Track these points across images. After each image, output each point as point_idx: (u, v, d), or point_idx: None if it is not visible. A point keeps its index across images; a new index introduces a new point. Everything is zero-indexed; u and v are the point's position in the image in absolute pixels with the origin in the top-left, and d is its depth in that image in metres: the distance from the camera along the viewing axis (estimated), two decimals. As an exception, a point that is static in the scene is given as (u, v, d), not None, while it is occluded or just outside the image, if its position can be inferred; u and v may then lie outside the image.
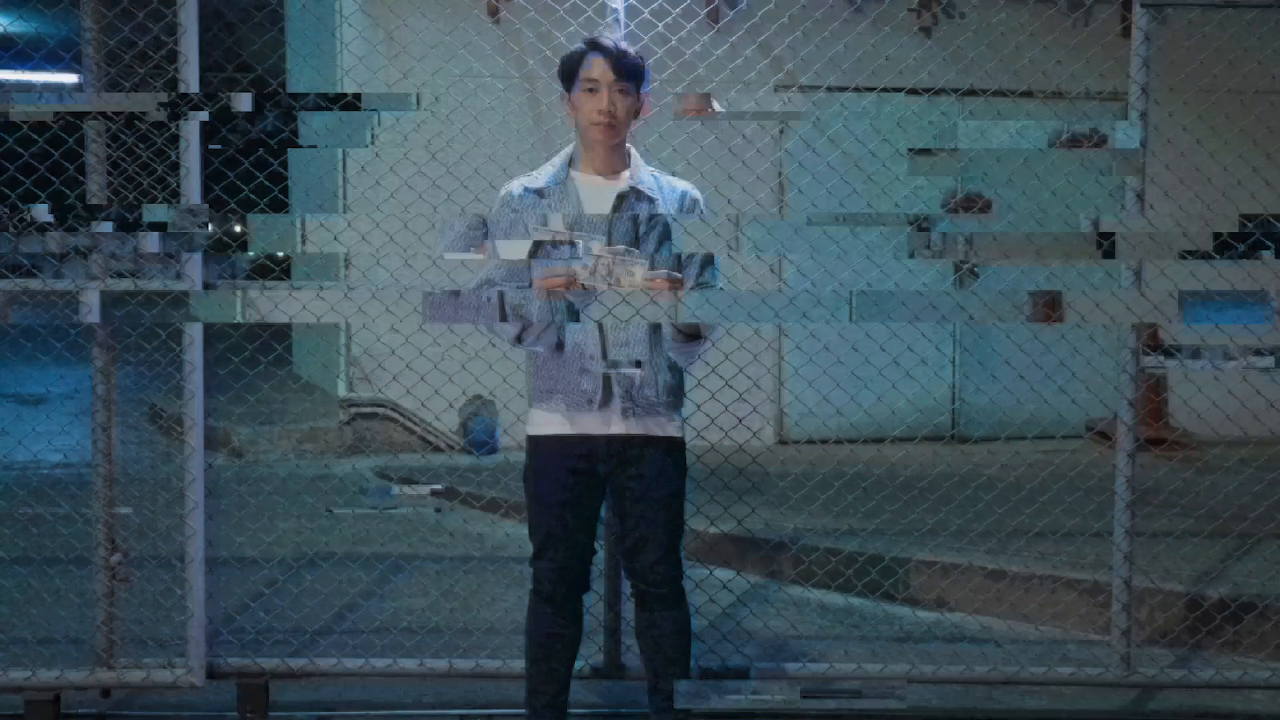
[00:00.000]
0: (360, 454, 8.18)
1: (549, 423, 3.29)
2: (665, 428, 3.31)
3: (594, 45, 3.26)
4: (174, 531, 3.95)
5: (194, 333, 3.83)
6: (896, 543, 5.31)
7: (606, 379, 3.24)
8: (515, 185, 3.35)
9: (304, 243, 3.69)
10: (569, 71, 3.28)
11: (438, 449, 8.23)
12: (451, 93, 5.90)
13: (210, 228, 3.49)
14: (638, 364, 3.24)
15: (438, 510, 6.61)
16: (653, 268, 3.16)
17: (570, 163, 3.35)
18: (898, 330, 5.15)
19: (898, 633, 4.71)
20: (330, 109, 3.49)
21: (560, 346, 3.26)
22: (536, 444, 3.32)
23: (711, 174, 5.05)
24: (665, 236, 3.29)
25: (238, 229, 3.67)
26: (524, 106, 7.79)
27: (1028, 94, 7.45)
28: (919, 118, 6.44)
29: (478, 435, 8.10)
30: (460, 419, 8.06)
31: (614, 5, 4.72)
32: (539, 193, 3.31)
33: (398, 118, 5.53)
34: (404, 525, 6.05)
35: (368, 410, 8.28)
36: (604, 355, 3.24)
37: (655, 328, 3.26)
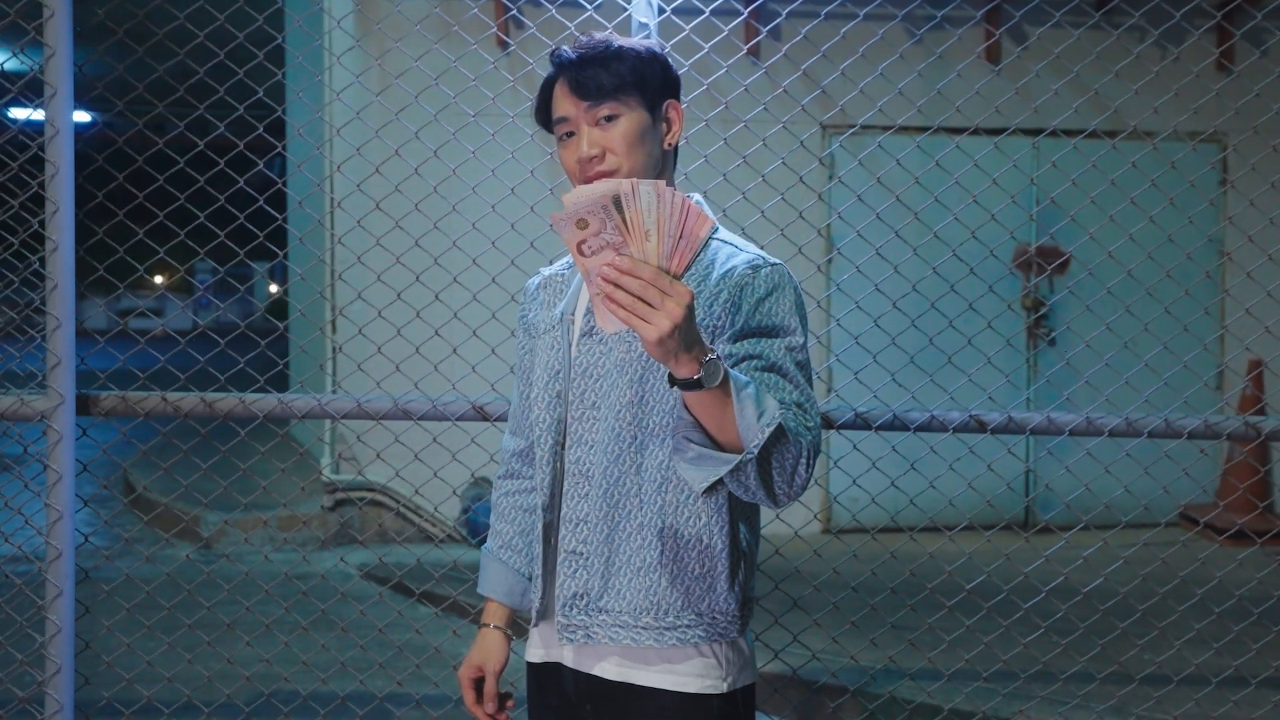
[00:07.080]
0: (348, 544, 7.15)
1: (531, 641, 2.12)
2: (662, 670, 1.93)
3: (555, 63, 2.02)
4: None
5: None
6: (1005, 694, 4.24)
7: (547, 557, 2.02)
8: (535, 275, 2.25)
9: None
10: (544, 113, 2.07)
11: (436, 539, 7.19)
12: (451, 131, 4.94)
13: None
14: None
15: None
16: None
17: None
18: (959, 394, 4.14)
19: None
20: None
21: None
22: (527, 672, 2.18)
23: (754, 226, 4.08)
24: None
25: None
26: (533, 148, 6.82)
27: (1110, 133, 6.48)
28: (987, 160, 5.45)
29: (480, 522, 7.01)
30: (462, 505, 7.02)
31: (641, 19, 3.73)
32: (544, 283, 2.19)
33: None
34: (387, 646, 4.98)
35: (355, 495, 7.25)
36: (550, 502, 2.03)
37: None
